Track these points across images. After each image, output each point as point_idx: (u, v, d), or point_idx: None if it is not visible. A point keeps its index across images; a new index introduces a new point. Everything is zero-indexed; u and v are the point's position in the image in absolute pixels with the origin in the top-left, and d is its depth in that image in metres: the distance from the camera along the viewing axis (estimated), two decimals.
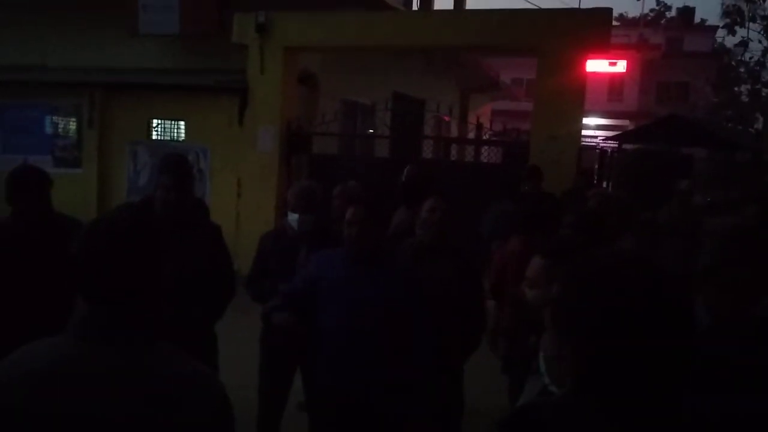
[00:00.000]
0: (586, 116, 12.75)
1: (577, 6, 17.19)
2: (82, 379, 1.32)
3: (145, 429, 1.30)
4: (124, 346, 1.37)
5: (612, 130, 21.04)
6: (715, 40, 33.45)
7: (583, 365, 1.11)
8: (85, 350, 1.35)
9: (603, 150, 9.69)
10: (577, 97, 7.72)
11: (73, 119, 9.90)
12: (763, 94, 29.72)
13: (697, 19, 37.88)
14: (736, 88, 30.88)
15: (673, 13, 38.64)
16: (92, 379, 1.32)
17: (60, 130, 10.01)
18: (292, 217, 3.61)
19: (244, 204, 8.98)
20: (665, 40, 33.19)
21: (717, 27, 32.43)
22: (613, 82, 30.51)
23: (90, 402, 1.30)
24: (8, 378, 1.35)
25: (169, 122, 9.75)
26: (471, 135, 9.82)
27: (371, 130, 11.11)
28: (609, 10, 7.75)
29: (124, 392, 1.32)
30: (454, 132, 13.71)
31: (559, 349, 1.16)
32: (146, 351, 1.39)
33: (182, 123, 9.63)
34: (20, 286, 3.20)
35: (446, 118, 11.72)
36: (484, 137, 9.23)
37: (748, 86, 30.84)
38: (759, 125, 28.38)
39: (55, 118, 10.00)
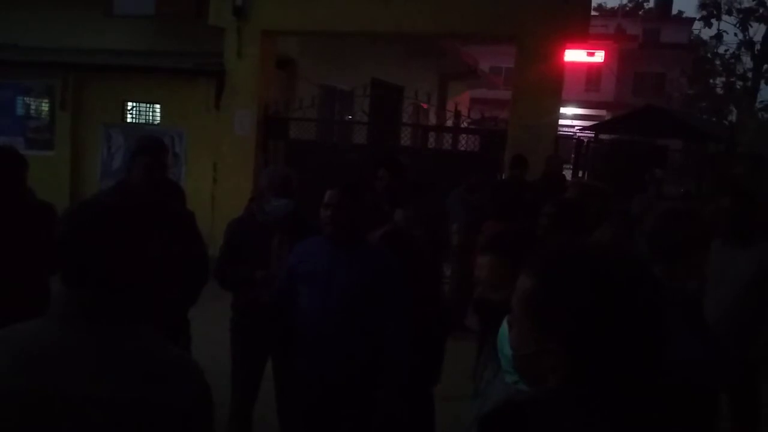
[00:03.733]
0: (564, 106, 12.84)
1: None
2: (67, 362, 1.32)
3: (127, 411, 1.30)
4: (107, 329, 1.37)
5: (589, 120, 21.21)
6: (692, 32, 33.77)
7: (574, 357, 1.09)
8: (69, 333, 1.36)
9: (580, 140, 9.76)
10: (554, 87, 7.77)
11: (46, 100, 9.74)
12: (737, 86, 30.11)
13: (674, 11, 38.21)
14: (711, 81, 31.24)
15: (651, 4, 38.91)
16: (76, 362, 1.33)
17: (32, 111, 9.84)
18: (278, 203, 3.52)
19: (220, 189, 8.91)
20: (642, 31, 33.45)
21: (694, 19, 32.72)
22: (591, 72, 30.71)
23: (74, 384, 1.31)
24: None
25: (145, 105, 9.62)
26: (449, 123, 9.83)
27: (349, 117, 11.07)
28: (588, 0, 7.78)
29: (107, 375, 1.32)
30: (433, 119, 13.71)
31: (537, 344, 1.13)
32: (128, 334, 1.39)
33: (158, 106, 9.51)
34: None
35: (424, 106, 11.71)
36: (462, 125, 9.25)
37: (723, 78, 31.22)
38: (733, 117, 28.77)
39: (27, 99, 9.83)
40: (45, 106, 9.76)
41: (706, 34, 32.37)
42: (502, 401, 1.26)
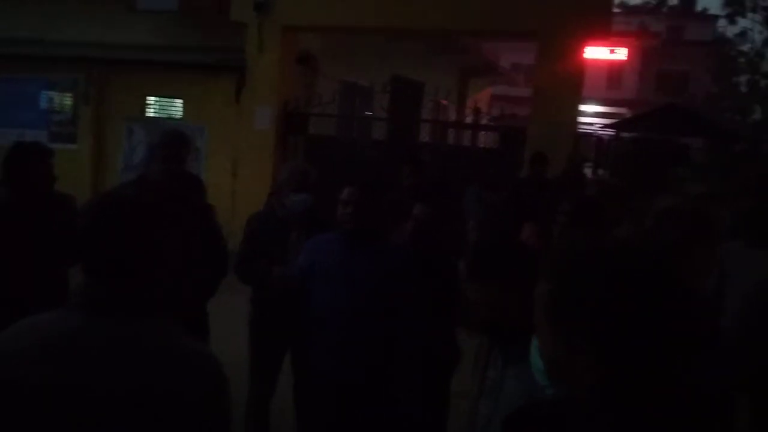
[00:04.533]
0: (584, 103, 12.73)
1: None
2: (87, 353, 1.34)
3: (146, 404, 1.32)
4: (127, 320, 1.38)
5: (610, 118, 21.01)
6: (716, 29, 33.31)
7: (596, 357, 1.06)
8: (88, 323, 1.37)
9: (600, 137, 9.68)
10: (575, 84, 7.71)
11: (69, 95, 9.85)
12: (762, 85, 29.64)
13: (698, 8, 37.73)
14: (734, 79, 30.77)
15: (674, 1, 38.44)
16: (94, 352, 1.34)
17: (56, 105, 9.95)
18: (297, 197, 3.53)
19: (240, 183, 8.96)
20: (666, 29, 33.09)
21: (718, 16, 32.28)
22: (613, 69, 30.42)
23: (93, 375, 1.32)
24: (12, 350, 1.36)
25: (166, 100, 9.71)
26: (469, 119, 9.79)
27: (369, 113, 11.07)
28: None
29: (124, 366, 1.33)
30: (452, 116, 13.68)
31: (564, 348, 1.10)
32: (147, 326, 1.41)
33: (179, 101, 9.58)
34: (15, 261, 3.20)
35: (444, 102, 11.68)
36: (482, 122, 9.22)
37: (747, 76, 30.75)
38: (757, 116, 28.33)
39: (51, 93, 9.94)
40: (68, 101, 9.88)
41: (731, 31, 31.89)
42: (529, 402, 1.24)
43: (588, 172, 8.27)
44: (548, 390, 1.35)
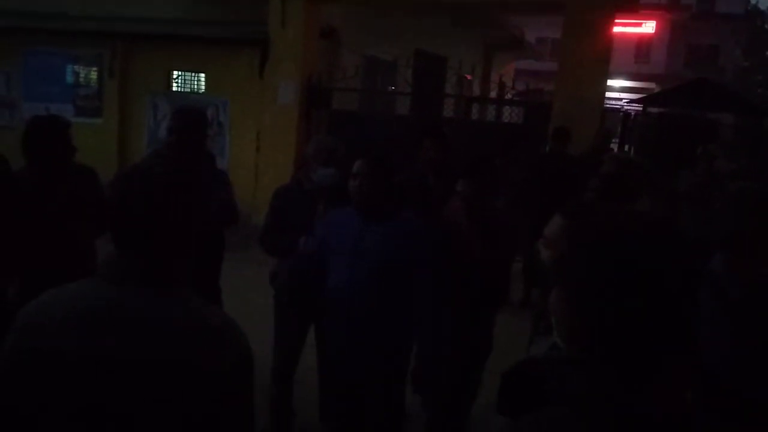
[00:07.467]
0: (612, 78, 12.53)
1: None
2: (115, 323, 1.36)
3: (173, 374, 1.34)
4: (155, 291, 1.41)
5: (637, 93, 20.68)
6: (749, 2, 32.50)
7: (581, 322, 1.10)
8: (118, 294, 1.39)
9: (627, 113, 9.52)
10: (602, 58, 7.58)
11: (95, 69, 9.92)
12: None
13: None
14: (766, 53, 30.08)
15: None
16: (124, 323, 1.36)
17: (81, 79, 10.03)
18: (324, 171, 3.55)
19: (263, 157, 9.00)
20: (696, 1, 32.34)
21: None
22: (641, 43, 29.89)
23: (121, 345, 1.34)
24: (41, 320, 1.39)
25: (190, 74, 9.74)
26: (493, 94, 9.69)
27: (392, 87, 11.01)
28: None
29: (154, 337, 1.35)
30: (476, 91, 13.55)
31: (569, 307, 1.13)
32: (176, 298, 1.43)
33: (202, 75, 9.61)
34: (40, 234, 3.25)
35: (468, 77, 11.57)
36: (507, 97, 9.11)
37: None
38: None
39: (76, 67, 10.02)
40: (94, 75, 9.95)
41: (764, 4, 31.09)
42: (524, 359, 1.27)
43: (614, 147, 8.13)
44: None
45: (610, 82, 9.63)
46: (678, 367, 1.09)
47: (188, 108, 4.07)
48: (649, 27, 27.49)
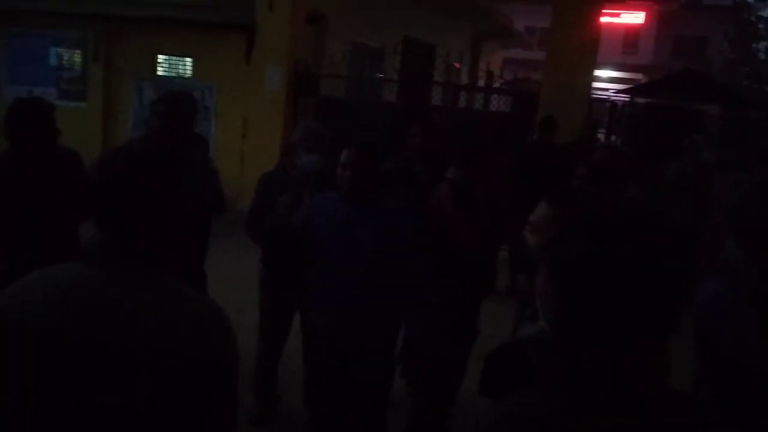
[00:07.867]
0: (599, 68, 12.57)
1: None
2: (97, 306, 1.34)
3: (155, 358, 1.33)
4: (139, 273, 1.40)
5: (625, 84, 20.73)
6: None
7: (564, 305, 1.11)
8: (100, 277, 1.38)
9: (614, 103, 9.55)
10: (590, 48, 7.60)
11: (79, 52, 9.78)
12: None
13: None
14: (754, 45, 30.22)
15: None
16: (106, 307, 1.35)
17: (65, 62, 9.89)
18: (308, 158, 3.52)
19: (249, 143, 8.94)
20: None
21: None
22: (629, 33, 29.95)
23: (103, 329, 1.33)
24: (23, 301, 1.37)
25: (176, 58, 9.62)
26: (481, 83, 9.69)
27: (380, 74, 10.96)
28: None
29: (137, 321, 1.34)
30: (464, 79, 13.54)
31: (545, 288, 1.14)
32: (159, 281, 1.42)
33: (189, 59, 9.50)
34: (24, 218, 3.21)
35: (456, 65, 11.55)
36: (495, 85, 9.11)
37: (766, 43, 30.18)
38: None
39: (60, 49, 9.87)
40: (78, 58, 9.80)
41: None
42: (508, 340, 1.28)
43: (601, 137, 8.17)
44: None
45: (597, 73, 9.66)
46: (655, 348, 1.10)
47: (176, 90, 4.03)
48: (637, 17, 27.56)
